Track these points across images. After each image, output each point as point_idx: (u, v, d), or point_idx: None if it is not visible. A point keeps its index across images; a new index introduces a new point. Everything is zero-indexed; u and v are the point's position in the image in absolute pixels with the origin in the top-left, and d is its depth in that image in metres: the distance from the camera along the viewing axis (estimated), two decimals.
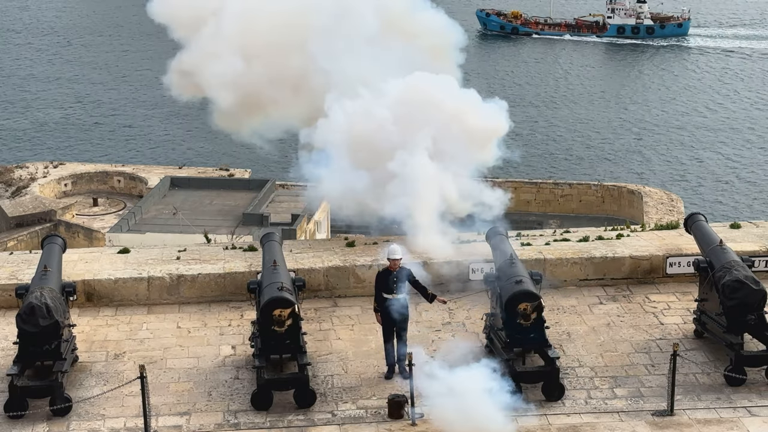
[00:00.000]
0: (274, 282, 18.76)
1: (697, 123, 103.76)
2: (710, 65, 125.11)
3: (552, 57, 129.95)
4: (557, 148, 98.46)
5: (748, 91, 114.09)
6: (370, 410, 18.15)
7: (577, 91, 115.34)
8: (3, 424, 17.67)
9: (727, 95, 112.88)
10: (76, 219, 70.28)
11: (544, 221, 67.54)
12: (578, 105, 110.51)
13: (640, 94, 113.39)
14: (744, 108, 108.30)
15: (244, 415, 18.01)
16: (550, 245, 23.48)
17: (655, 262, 22.74)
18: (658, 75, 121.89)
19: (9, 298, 20.95)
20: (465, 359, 18.58)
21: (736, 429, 17.55)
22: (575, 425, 17.70)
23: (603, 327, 20.88)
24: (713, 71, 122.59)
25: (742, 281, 19.01)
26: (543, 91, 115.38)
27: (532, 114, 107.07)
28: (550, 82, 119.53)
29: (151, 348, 20.20)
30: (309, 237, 59.53)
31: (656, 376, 19.01)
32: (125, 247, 24.55)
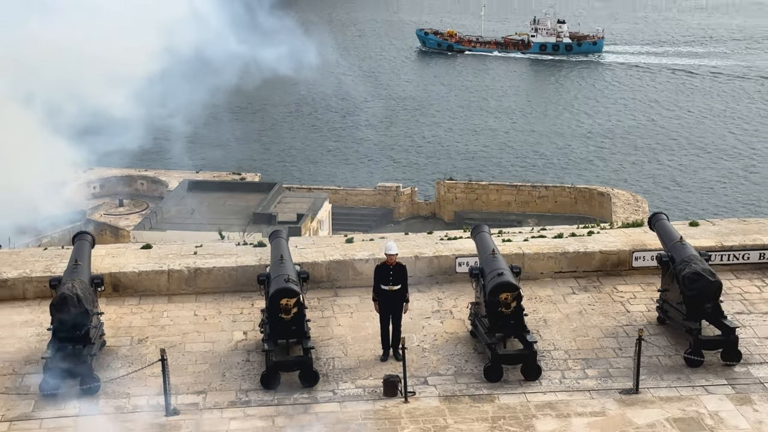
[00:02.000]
0: (281, 274, 18.79)
1: (628, 130, 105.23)
2: (621, 78, 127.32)
3: (483, 71, 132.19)
4: (492, 151, 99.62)
5: (660, 102, 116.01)
6: (367, 389, 18.17)
7: (505, 102, 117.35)
8: (39, 401, 17.68)
9: (640, 105, 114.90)
10: (103, 218, 70.38)
11: (523, 220, 67.80)
12: (507, 114, 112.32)
13: (561, 104, 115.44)
14: (662, 117, 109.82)
15: (254, 394, 18.02)
16: (528, 241, 23.49)
17: (622, 256, 22.76)
18: (575, 87, 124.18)
19: (44, 288, 20.93)
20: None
21: (695, 405, 17.58)
22: (551, 402, 17.73)
23: (575, 314, 20.90)
24: (624, 83, 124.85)
25: (700, 273, 19.05)
26: (475, 101, 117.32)
27: (474, 121, 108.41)
28: (482, 93, 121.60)
29: (171, 333, 20.20)
30: (312, 234, 59.57)
31: (623, 359, 19.04)
32: (148, 243, 24.57)
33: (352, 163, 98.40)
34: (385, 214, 79.43)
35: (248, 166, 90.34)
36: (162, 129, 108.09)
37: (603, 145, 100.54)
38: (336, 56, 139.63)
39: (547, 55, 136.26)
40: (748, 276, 22.50)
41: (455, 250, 22.63)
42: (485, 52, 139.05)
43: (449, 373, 18.73)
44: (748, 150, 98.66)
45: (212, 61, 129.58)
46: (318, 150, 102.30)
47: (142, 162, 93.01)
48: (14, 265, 22.39)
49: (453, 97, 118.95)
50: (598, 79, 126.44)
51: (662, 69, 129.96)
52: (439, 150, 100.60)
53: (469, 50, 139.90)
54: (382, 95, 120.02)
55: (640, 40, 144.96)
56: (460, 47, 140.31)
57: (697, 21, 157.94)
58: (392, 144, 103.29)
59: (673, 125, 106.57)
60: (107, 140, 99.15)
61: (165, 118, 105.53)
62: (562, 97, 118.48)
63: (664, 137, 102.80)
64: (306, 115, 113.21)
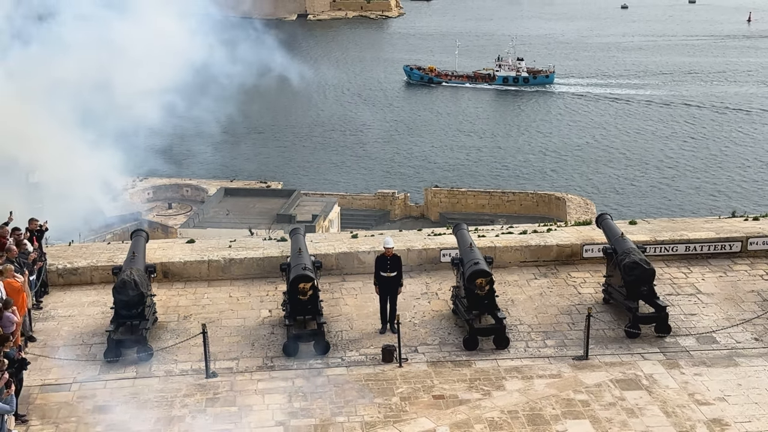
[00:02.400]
0: (299, 263, 18.76)
1: (578, 147, 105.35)
2: (570, 105, 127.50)
3: (457, 100, 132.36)
4: (468, 164, 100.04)
5: (603, 125, 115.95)
6: (369, 356, 18.14)
7: (477, 125, 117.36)
8: (103, 366, 17.66)
9: (587, 127, 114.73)
10: (156, 218, 70.27)
11: (494, 219, 67.64)
12: (479, 134, 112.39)
13: (522, 126, 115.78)
14: (605, 137, 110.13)
15: (277, 360, 17.98)
16: (498, 237, 23.46)
17: (575, 249, 22.72)
18: (532, 112, 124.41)
19: (107, 275, 20.90)
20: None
21: (633, 369, 17.56)
22: (517, 366, 17.70)
23: (537, 296, 20.87)
24: (573, 109, 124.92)
25: (637, 263, 19.04)
26: (453, 124, 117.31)
27: (453, 140, 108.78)
28: (458, 117, 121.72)
29: (210, 311, 20.15)
30: (324, 231, 59.47)
31: (575, 331, 19.01)
32: (192, 239, 24.52)
33: (357, 174, 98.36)
34: (383, 215, 79.33)
35: (273, 176, 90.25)
36: (204, 144, 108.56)
37: (558, 159, 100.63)
38: (340, 86, 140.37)
39: (509, 87, 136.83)
40: (676, 264, 22.47)
41: (440, 244, 22.59)
42: (459, 84, 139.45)
43: (435, 343, 18.70)
44: (674, 162, 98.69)
45: (248, 92, 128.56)
46: (329, 162, 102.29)
47: (187, 172, 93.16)
48: (84, 257, 22.35)
49: (435, 120, 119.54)
50: (551, 106, 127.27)
51: (604, 98, 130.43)
52: (426, 163, 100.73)
53: (446, 82, 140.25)
54: (379, 119, 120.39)
55: (586, 74, 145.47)
56: (438, 80, 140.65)
57: (632, 58, 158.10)
58: (389, 158, 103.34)
59: (615, 143, 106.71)
60: (159, 154, 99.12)
61: (205, 136, 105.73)
62: (522, 121, 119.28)
63: (608, 153, 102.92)
64: (318, 134, 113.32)
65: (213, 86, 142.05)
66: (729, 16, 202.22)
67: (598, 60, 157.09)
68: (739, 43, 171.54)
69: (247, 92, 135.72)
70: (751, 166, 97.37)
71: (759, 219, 24.99)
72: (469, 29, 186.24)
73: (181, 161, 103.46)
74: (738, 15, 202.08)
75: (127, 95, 75.15)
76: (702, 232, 23.43)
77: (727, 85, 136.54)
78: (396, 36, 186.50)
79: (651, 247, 22.35)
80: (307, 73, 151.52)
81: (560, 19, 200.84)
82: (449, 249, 21.94)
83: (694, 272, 22.02)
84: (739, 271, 22.08)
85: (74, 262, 21.87)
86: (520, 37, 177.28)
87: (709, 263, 22.50)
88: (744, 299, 20.54)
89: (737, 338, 18.74)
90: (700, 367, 17.60)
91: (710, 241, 22.83)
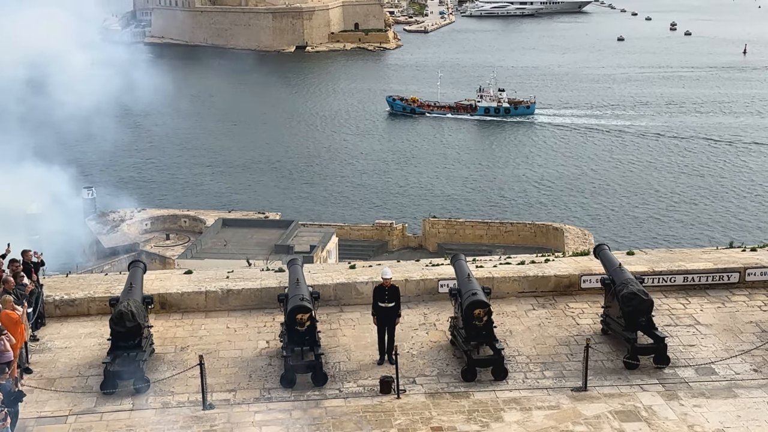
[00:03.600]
0: (297, 294, 18.74)
1: (574, 177, 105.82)
2: (557, 136, 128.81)
3: (440, 130, 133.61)
4: (463, 194, 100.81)
5: (598, 155, 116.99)
6: (367, 387, 18.06)
7: (461, 155, 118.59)
8: (99, 398, 17.56)
9: (575, 157, 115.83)
10: (153, 249, 70.11)
11: (492, 250, 67.48)
12: (473, 165, 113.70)
13: (513, 156, 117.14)
14: (599, 166, 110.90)
15: (275, 392, 17.91)
16: (496, 267, 23.46)
17: (572, 279, 22.72)
18: (513, 142, 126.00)
19: (104, 306, 20.85)
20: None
21: (632, 400, 17.49)
22: (516, 398, 17.63)
23: (535, 326, 20.83)
24: (563, 140, 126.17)
25: (635, 293, 19.02)
26: (445, 155, 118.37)
27: (445, 170, 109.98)
28: (440, 147, 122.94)
29: (207, 342, 20.09)
30: (322, 262, 59.38)
31: (574, 362, 18.95)
32: (189, 269, 24.47)
33: (355, 205, 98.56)
34: (381, 245, 79.27)
35: (270, 207, 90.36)
36: (201, 175, 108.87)
37: (554, 190, 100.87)
38: (330, 117, 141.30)
39: (490, 117, 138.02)
40: (675, 295, 22.45)
41: (438, 275, 22.57)
42: (441, 114, 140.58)
43: (433, 374, 18.63)
44: (671, 193, 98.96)
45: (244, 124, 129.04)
46: (326, 193, 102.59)
47: (185, 203, 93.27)
48: (81, 288, 22.31)
49: (426, 151, 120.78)
50: (537, 136, 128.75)
51: (593, 129, 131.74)
52: (418, 193, 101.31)
53: (428, 113, 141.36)
54: (367, 149, 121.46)
55: (565, 105, 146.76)
56: (421, 110, 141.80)
57: (626, 90, 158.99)
58: (385, 188, 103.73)
59: (611, 174, 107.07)
60: (156, 187, 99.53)
61: (203, 167, 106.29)
62: (512, 151, 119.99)
63: (604, 184, 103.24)
64: (316, 166, 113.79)
65: (208, 116, 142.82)
66: (725, 48, 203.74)
67: (591, 91, 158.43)
68: (734, 75, 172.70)
69: (244, 124, 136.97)
70: (747, 196, 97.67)
71: (757, 250, 25.00)
72: (464, 61, 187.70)
73: (178, 192, 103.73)
74: (734, 47, 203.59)
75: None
76: (700, 262, 23.43)
77: (724, 117, 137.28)
78: (392, 67, 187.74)
79: (649, 277, 22.34)
80: (300, 104, 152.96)
81: (556, 51, 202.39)
82: (447, 279, 21.91)
83: (692, 303, 22.00)
84: (738, 301, 22.06)
85: (71, 293, 21.82)
86: (512, 69, 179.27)
87: (708, 294, 22.49)
88: (743, 330, 20.50)
89: (736, 369, 18.68)
90: (700, 398, 17.53)
91: (708, 271, 22.83)
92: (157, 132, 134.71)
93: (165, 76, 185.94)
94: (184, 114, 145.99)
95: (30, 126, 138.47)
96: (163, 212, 79.40)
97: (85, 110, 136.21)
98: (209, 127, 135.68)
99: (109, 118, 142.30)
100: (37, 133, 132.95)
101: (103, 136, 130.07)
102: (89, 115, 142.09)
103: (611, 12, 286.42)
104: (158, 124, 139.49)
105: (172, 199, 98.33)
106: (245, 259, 55.83)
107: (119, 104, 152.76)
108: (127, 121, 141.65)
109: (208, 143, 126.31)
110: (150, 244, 71.26)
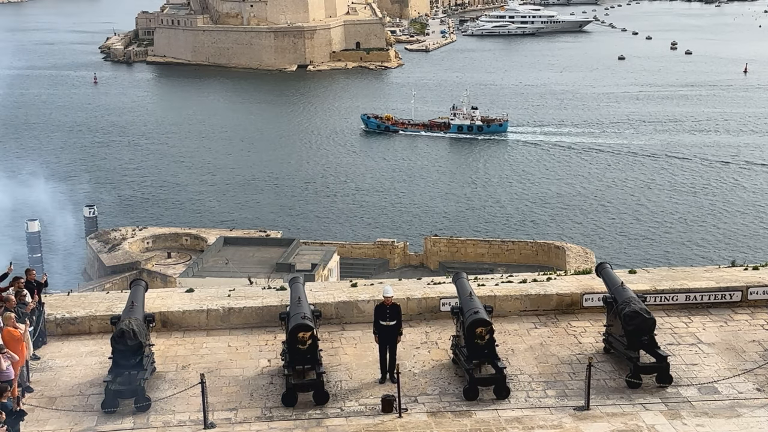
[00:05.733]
0: (298, 312, 18.72)
1: (572, 197, 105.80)
2: (522, 152, 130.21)
3: (413, 147, 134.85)
4: (466, 213, 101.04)
5: (587, 173, 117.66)
6: (369, 406, 18.00)
7: (436, 171, 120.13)
8: (100, 417, 17.51)
9: (570, 175, 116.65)
10: (155, 267, 70.15)
11: (494, 268, 67.53)
12: (432, 179, 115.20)
13: (474, 173, 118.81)
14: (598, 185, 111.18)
15: (276, 410, 17.85)
16: (498, 285, 23.44)
17: (574, 298, 22.69)
18: (485, 159, 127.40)
19: (106, 325, 20.83)
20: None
21: (635, 420, 17.43)
22: (518, 417, 17.57)
23: (537, 345, 20.79)
24: (524, 156, 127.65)
25: (638, 312, 18.99)
26: (405, 171, 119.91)
27: (409, 187, 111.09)
28: (414, 165, 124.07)
29: (209, 361, 20.05)
30: (324, 280, 59.33)
31: (576, 381, 18.90)
32: (191, 288, 24.45)
33: (356, 223, 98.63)
34: (382, 263, 79.25)
35: (272, 225, 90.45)
36: (203, 194, 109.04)
37: (555, 208, 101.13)
38: (328, 136, 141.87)
39: (464, 135, 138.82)
40: (677, 314, 22.42)
41: (439, 293, 22.55)
42: (415, 132, 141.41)
43: (435, 393, 18.58)
44: (674, 212, 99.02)
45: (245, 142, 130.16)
46: (328, 212, 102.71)
47: (186, 221, 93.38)
48: (82, 306, 22.29)
49: (418, 169, 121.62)
50: (504, 153, 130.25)
51: (554, 145, 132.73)
52: (417, 211, 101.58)
53: (402, 130, 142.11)
54: (365, 167, 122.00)
55: (537, 123, 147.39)
56: (395, 128, 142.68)
57: (627, 108, 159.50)
58: (386, 207, 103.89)
59: (613, 193, 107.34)
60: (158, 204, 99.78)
61: (205, 185, 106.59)
62: (473, 169, 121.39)
63: (606, 203, 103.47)
64: (317, 185, 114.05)
65: (210, 134, 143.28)
66: (725, 67, 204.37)
67: (547, 109, 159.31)
68: (735, 94, 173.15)
69: (245, 143, 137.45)
70: (750, 215, 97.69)
71: (759, 268, 24.97)
72: (463, 80, 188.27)
73: (180, 210, 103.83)
74: (734, 66, 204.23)
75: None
76: (702, 281, 23.40)
77: (725, 136, 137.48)
78: (394, 86, 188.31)
79: (651, 296, 22.31)
80: (301, 123, 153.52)
81: (553, 70, 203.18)
82: (449, 298, 21.88)
83: (694, 322, 21.96)
84: (740, 320, 22.02)
85: (72, 311, 21.80)
86: (512, 87, 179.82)
87: (710, 313, 22.45)
88: (745, 349, 20.45)
89: (739, 388, 18.62)
90: (702, 417, 17.46)
91: (710, 290, 22.81)
92: (158, 150, 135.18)
93: (167, 96, 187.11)
94: (185, 133, 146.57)
95: (32, 143, 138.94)
96: (164, 230, 79.47)
97: (86, 128, 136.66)
98: (211, 146, 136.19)
99: (111, 137, 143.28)
100: (41, 150, 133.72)
101: (105, 155, 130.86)
102: (92, 133, 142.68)
103: (612, 31, 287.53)
104: (160, 143, 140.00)
105: (173, 218, 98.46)
106: (247, 278, 55.83)
107: (121, 123, 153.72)
108: (129, 139, 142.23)
109: (209, 162, 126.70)
110: (151, 263, 71.29)
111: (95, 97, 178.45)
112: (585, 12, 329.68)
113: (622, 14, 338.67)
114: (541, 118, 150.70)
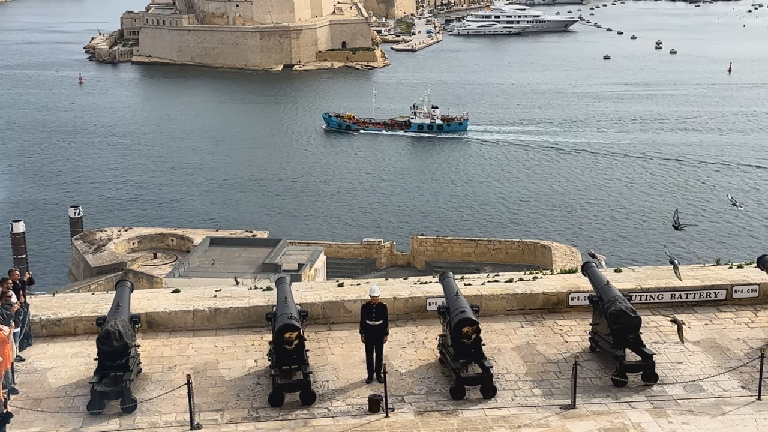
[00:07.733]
0: (285, 313, 18.69)
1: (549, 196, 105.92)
2: (482, 151, 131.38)
3: (374, 146, 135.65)
4: (452, 212, 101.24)
5: (521, 169, 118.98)
6: (355, 406, 18.00)
7: (394, 170, 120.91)
8: (86, 419, 17.44)
9: (502, 172, 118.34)
10: (141, 268, 69.80)
11: (480, 268, 67.50)
12: (395, 179, 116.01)
13: (435, 172, 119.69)
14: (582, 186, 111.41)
15: (263, 411, 17.83)
16: (485, 285, 23.48)
17: (561, 297, 22.75)
18: (445, 157, 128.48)
19: (91, 326, 20.73)
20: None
21: (621, 418, 17.50)
22: (505, 416, 17.60)
23: (524, 344, 20.83)
24: (484, 155, 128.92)
25: (623, 311, 19.06)
26: (369, 171, 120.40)
27: (395, 187, 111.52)
28: (375, 164, 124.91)
29: (195, 362, 20.00)
30: (310, 280, 59.23)
31: (562, 380, 18.95)
32: (177, 288, 24.37)
33: (343, 222, 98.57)
34: (369, 263, 79.15)
35: (258, 225, 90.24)
36: (188, 194, 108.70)
37: (542, 207, 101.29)
38: (314, 135, 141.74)
39: (424, 133, 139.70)
40: (663, 312, 22.51)
41: (426, 292, 22.57)
42: (376, 131, 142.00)
43: (422, 392, 18.59)
44: (658, 210, 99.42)
45: (229, 142, 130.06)
46: (314, 211, 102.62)
47: (172, 222, 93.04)
48: (68, 307, 22.19)
49: (408, 168, 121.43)
50: (464, 152, 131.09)
51: (512, 144, 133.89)
52: (403, 210, 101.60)
53: (364, 129, 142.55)
54: (355, 167, 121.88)
55: (497, 121, 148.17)
56: (356, 127, 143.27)
57: (610, 107, 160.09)
58: (373, 206, 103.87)
59: (598, 193, 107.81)
60: (144, 204, 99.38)
61: (190, 185, 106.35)
62: (433, 167, 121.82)
63: (590, 202, 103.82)
64: (303, 183, 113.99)
65: (195, 134, 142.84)
66: (710, 67, 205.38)
67: (509, 108, 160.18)
68: (719, 93, 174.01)
69: (231, 142, 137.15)
70: (734, 214, 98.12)
71: (743, 267, 25.12)
72: (447, 79, 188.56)
73: (165, 210, 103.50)
74: (719, 65, 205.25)
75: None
76: (687, 280, 23.48)
77: (709, 135, 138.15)
78: (379, 86, 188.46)
79: (637, 294, 22.40)
80: (286, 122, 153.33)
81: (537, 69, 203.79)
82: (435, 297, 21.90)
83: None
84: (725, 318, 22.14)
85: (58, 312, 21.70)
86: (498, 86, 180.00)
87: (695, 311, 22.56)
88: (730, 347, 20.56)
89: (724, 386, 18.72)
90: (688, 415, 17.54)
91: (695, 289, 22.92)
92: (144, 150, 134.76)
93: (152, 96, 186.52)
94: (171, 132, 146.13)
95: (16, 143, 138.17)
96: (150, 231, 79.06)
97: (72, 128, 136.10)
98: (197, 146, 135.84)
99: (97, 137, 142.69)
100: (24, 150, 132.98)
101: (91, 155, 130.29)
102: (77, 133, 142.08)
103: (597, 31, 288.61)
104: (146, 143, 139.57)
105: (159, 218, 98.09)
106: (233, 278, 55.58)
107: (106, 123, 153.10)
108: (115, 139, 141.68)
109: (195, 162, 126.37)
110: (137, 263, 70.95)
111: (80, 97, 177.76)
112: (570, 12, 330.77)
113: (607, 14, 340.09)
114: (506, 117, 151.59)
